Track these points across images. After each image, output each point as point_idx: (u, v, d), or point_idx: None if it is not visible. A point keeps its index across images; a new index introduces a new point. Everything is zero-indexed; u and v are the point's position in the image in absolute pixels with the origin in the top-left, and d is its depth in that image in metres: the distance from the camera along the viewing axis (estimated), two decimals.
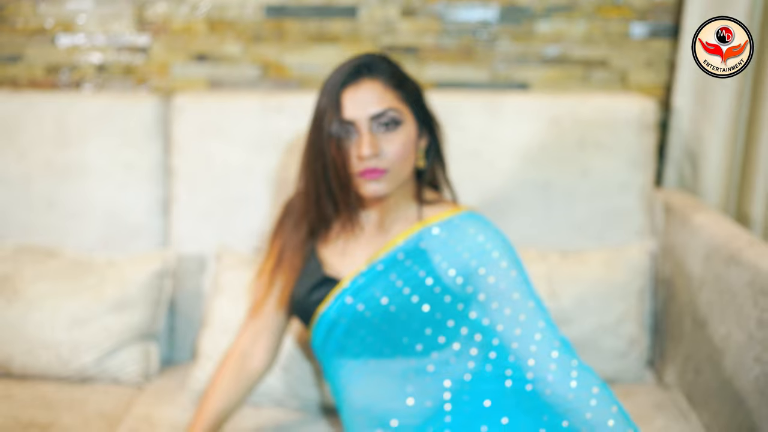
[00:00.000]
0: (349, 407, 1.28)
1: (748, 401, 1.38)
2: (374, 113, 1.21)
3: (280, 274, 1.37)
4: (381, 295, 1.26)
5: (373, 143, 1.20)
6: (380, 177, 1.22)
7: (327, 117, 1.21)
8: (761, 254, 1.45)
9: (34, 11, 2.01)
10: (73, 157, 1.84)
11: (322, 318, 1.29)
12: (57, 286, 1.69)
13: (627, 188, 1.82)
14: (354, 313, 1.27)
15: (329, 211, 1.29)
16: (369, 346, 1.27)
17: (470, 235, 1.28)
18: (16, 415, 1.54)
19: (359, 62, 1.24)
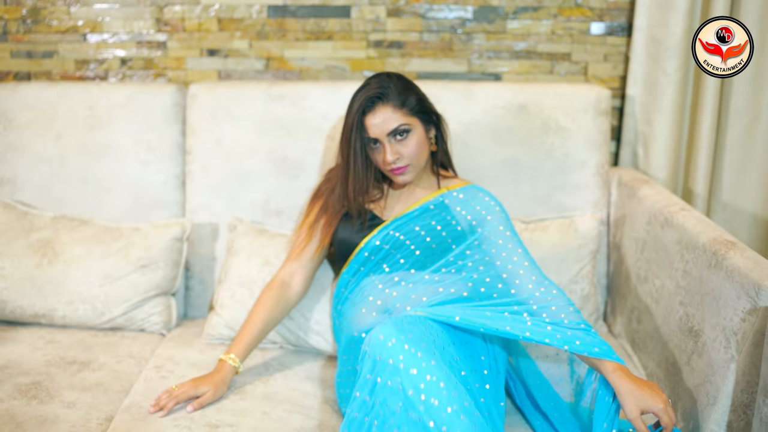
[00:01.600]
0: (361, 308, 1.61)
1: (673, 339, 1.65)
2: (390, 130, 1.65)
3: (318, 227, 1.78)
4: (419, 228, 1.69)
5: (394, 150, 1.66)
6: (405, 170, 1.68)
7: (357, 134, 1.66)
8: (688, 217, 1.72)
9: (67, 13, 2.28)
10: (102, 139, 2.11)
11: (366, 245, 1.69)
12: (91, 249, 1.97)
13: (585, 166, 2.09)
14: (395, 240, 1.68)
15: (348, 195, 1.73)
16: (400, 264, 1.66)
17: (480, 197, 1.74)
18: (62, 355, 1.81)
19: (373, 94, 1.65)
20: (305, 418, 1.58)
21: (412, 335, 1.33)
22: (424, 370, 1.28)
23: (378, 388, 1.31)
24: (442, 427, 1.25)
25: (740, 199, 2.25)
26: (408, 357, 1.30)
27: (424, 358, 1.30)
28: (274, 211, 2.07)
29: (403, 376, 1.29)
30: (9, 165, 2.12)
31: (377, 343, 1.33)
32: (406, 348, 1.31)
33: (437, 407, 1.26)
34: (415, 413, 1.27)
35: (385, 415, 1.29)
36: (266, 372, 1.75)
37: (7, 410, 1.58)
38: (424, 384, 1.27)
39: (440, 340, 1.39)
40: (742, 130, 2.20)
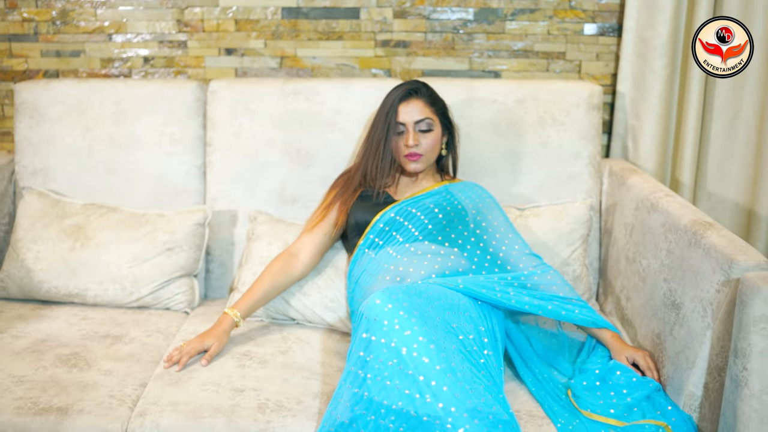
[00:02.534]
0: (378, 276, 1.80)
1: (658, 313, 1.81)
2: (417, 120, 1.92)
3: (334, 207, 1.99)
4: (430, 204, 1.92)
5: (416, 138, 1.92)
6: (418, 159, 1.94)
7: (388, 118, 1.91)
8: (672, 202, 1.87)
9: (94, 14, 2.43)
10: (128, 132, 2.26)
11: (382, 216, 1.91)
12: (120, 234, 2.12)
13: (578, 157, 2.25)
14: (408, 212, 1.91)
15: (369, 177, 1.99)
16: (414, 235, 1.87)
17: (477, 190, 2.00)
18: (95, 330, 1.96)
19: (411, 87, 1.95)
20: (321, 384, 1.73)
21: (407, 304, 1.51)
22: (417, 333, 1.46)
23: (373, 345, 1.48)
24: (431, 381, 1.42)
25: (723, 189, 2.41)
26: (402, 320, 1.47)
27: (417, 323, 1.47)
28: (289, 198, 2.23)
29: (398, 336, 1.46)
30: (42, 156, 2.27)
31: (374, 306, 1.50)
32: (401, 314, 1.48)
33: (427, 364, 1.44)
34: (407, 368, 1.44)
35: (380, 369, 1.46)
36: (285, 345, 1.91)
37: (51, 376, 1.74)
38: (416, 344, 1.45)
39: (436, 310, 1.56)
40: (724, 124, 2.36)
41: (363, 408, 1.46)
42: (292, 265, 1.95)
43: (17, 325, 1.99)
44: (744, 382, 1.40)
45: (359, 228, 1.94)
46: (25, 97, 2.28)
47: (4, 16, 2.45)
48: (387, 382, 1.45)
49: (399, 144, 1.94)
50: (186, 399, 1.66)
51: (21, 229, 2.15)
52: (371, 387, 1.47)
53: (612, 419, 1.56)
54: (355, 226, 1.95)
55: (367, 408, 1.46)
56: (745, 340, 1.40)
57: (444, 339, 1.51)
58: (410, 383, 1.44)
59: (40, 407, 1.63)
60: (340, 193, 2.03)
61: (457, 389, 1.42)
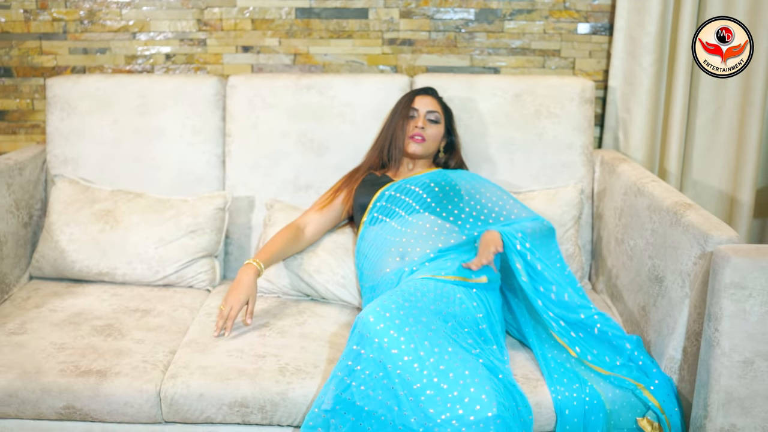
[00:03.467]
0: (383, 250, 1.99)
1: (643, 287, 1.97)
2: (429, 110, 2.20)
3: (341, 192, 2.21)
4: (428, 180, 2.13)
5: (424, 122, 2.18)
6: (421, 142, 2.17)
7: (405, 104, 2.20)
8: (656, 186, 2.04)
9: (119, 14, 2.60)
10: (152, 123, 2.42)
11: (384, 191, 2.11)
12: (146, 217, 2.29)
13: (571, 147, 2.41)
14: (408, 189, 2.11)
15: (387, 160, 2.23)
16: (412, 208, 2.07)
17: (470, 172, 2.23)
18: (125, 305, 2.13)
19: (427, 88, 2.28)
20: (335, 351, 1.90)
21: (399, 321, 1.65)
22: (402, 352, 1.61)
23: (362, 359, 1.63)
24: (409, 397, 1.58)
25: (708, 177, 2.57)
26: (391, 339, 1.62)
27: (405, 341, 1.62)
28: (303, 185, 2.39)
29: (385, 354, 1.61)
30: (72, 146, 2.44)
31: (366, 323, 1.64)
32: (391, 332, 1.63)
33: (409, 381, 1.59)
34: (390, 383, 1.60)
35: (365, 380, 1.61)
36: (301, 318, 2.07)
37: (88, 344, 1.90)
38: (401, 362, 1.60)
39: (430, 315, 1.71)
40: (708, 117, 2.52)
41: (344, 409, 1.62)
42: (299, 238, 2.15)
43: (53, 301, 2.15)
44: (716, 342, 1.57)
45: (362, 207, 2.12)
46: (57, 91, 2.45)
47: (35, 16, 2.61)
48: (370, 392, 1.61)
49: (409, 126, 2.18)
50: (213, 363, 1.82)
51: (54, 213, 2.32)
52: (355, 394, 1.62)
53: (599, 367, 1.74)
54: (359, 206, 2.14)
55: (348, 410, 1.62)
56: (717, 304, 1.56)
57: (432, 349, 1.64)
58: (391, 396, 1.60)
59: (81, 370, 1.80)
60: (346, 181, 2.23)
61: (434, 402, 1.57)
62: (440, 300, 1.78)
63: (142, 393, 1.76)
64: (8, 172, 2.29)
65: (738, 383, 1.57)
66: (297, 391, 1.75)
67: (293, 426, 1.78)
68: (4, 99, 2.70)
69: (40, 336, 1.95)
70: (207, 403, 1.76)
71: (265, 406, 1.75)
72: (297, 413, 1.76)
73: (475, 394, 1.55)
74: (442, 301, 1.78)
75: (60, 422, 1.82)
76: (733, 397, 1.57)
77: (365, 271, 2.04)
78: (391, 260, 1.97)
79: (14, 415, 1.81)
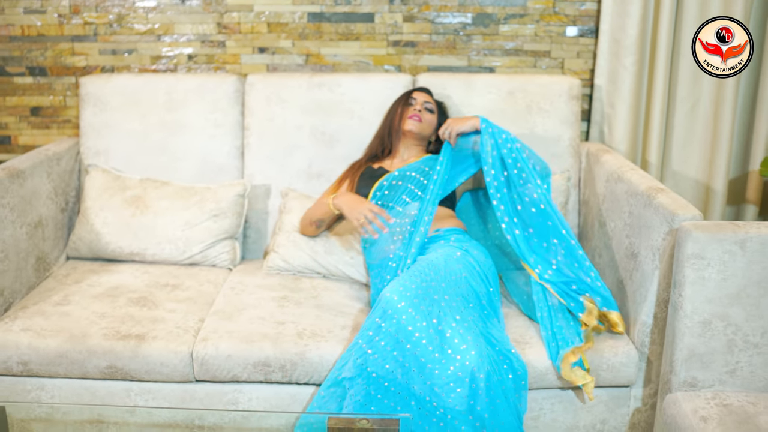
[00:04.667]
0: (386, 237, 2.20)
1: (621, 263, 2.20)
2: (425, 100, 2.47)
3: (343, 183, 2.45)
4: (423, 167, 2.36)
5: (422, 107, 2.45)
6: (418, 122, 2.42)
7: (403, 99, 2.46)
8: (634, 174, 2.27)
9: (146, 18, 2.84)
10: (177, 118, 2.65)
11: (385, 179, 2.34)
12: (173, 203, 2.52)
13: (560, 140, 2.64)
14: (407, 176, 2.34)
15: (387, 145, 2.47)
16: (402, 196, 2.29)
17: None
18: (156, 281, 2.36)
19: (424, 87, 2.53)
20: (347, 319, 2.13)
21: (417, 300, 1.89)
22: (415, 329, 1.85)
23: (382, 331, 1.88)
24: (412, 368, 1.82)
25: (686, 168, 2.81)
26: (408, 317, 1.86)
27: (419, 320, 1.86)
28: (315, 174, 2.63)
29: (402, 329, 1.85)
30: (103, 139, 2.67)
31: (389, 301, 1.89)
32: (410, 311, 1.87)
33: (416, 355, 1.83)
34: (401, 354, 1.84)
35: (381, 350, 1.86)
36: (315, 292, 2.31)
37: (126, 313, 2.14)
38: (414, 338, 1.84)
39: (441, 292, 1.96)
40: (686, 112, 2.76)
41: (360, 375, 1.86)
42: None
43: (91, 277, 2.39)
44: (680, 306, 1.80)
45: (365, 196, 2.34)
46: (90, 89, 2.68)
47: (68, 20, 2.85)
48: (381, 362, 1.85)
49: (406, 111, 2.45)
50: (238, 329, 2.06)
51: (89, 199, 2.55)
52: (370, 361, 1.86)
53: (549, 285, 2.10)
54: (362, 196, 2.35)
55: (361, 375, 1.86)
56: (681, 273, 1.79)
57: (437, 327, 1.88)
58: (399, 367, 1.84)
59: (121, 334, 2.03)
60: (349, 173, 2.48)
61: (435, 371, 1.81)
62: (449, 279, 2.02)
63: (177, 354, 2.00)
64: (48, 162, 2.52)
65: (698, 341, 1.80)
66: (313, 352, 1.99)
67: (309, 383, 2.02)
68: (39, 96, 2.94)
69: (82, 306, 2.18)
70: (234, 362, 1.99)
71: (285, 366, 1.99)
72: (313, 372, 1.99)
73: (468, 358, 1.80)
74: (451, 279, 2.02)
75: (103, 381, 2.06)
76: (694, 354, 1.81)
77: (371, 252, 2.27)
78: (393, 245, 2.20)
79: (63, 375, 2.04)
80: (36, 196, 2.41)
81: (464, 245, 2.18)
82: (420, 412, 1.83)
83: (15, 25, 2.86)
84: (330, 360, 1.98)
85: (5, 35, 2.87)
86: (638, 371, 2.03)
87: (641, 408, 2.06)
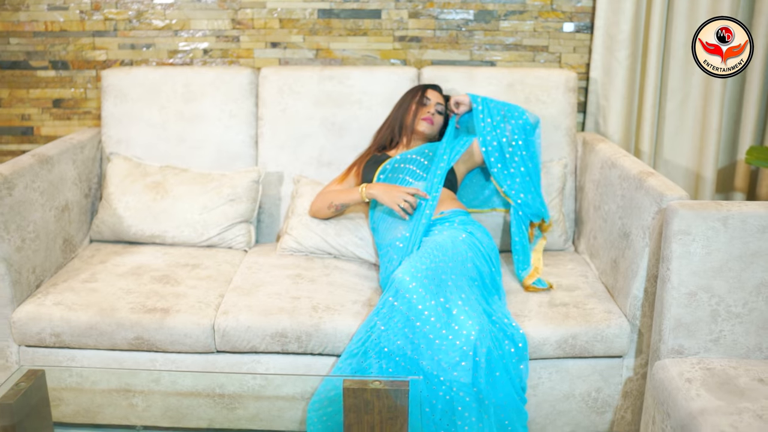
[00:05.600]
0: (384, 216, 2.37)
1: (614, 243, 2.35)
2: (438, 102, 2.63)
3: (352, 170, 2.62)
4: (426, 151, 2.54)
5: (434, 111, 2.61)
6: (431, 124, 2.59)
7: (418, 92, 2.63)
8: (626, 160, 2.41)
9: (163, 14, 2.98)
10: (195, 109, 2.80)
11: (389, 163, 2.52)
12: (192, 188, 2.66)
13: (558, 129, 2.79)
14: (409, 158, 2.52)
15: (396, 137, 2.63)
16: (417, 174, 2.46)
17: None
18: (176, 261, 2.51)
19: (435, 84, 2.69)
20: (358, 295, 2.28)
21: (426, 281, 2.04)
22: (425, 308, 2.00)
23: (395, 309, 2.02)
24: (420, 344, 1.97)
25: (677, 157, 2.95)
26: (419, 296, 2.01)
27: (429, 299, 2.00)
28: (325, 162, 2.77)
29: (412, 308, 2.00)
30: (125, 129, 2.81)
31: (402, 281, 2.04)
32: (420, 290, 2.01)
33: (425, 332, 1.98)
34: (411, 332, 1.99)
35: (393, 327, 2.01)
36: (327, 270, 2.45)
37: (150, 289, 2.28)
38: (423, 316, 1.99)
39: (449, 272, 2.10)
40: (676, 104, 2.90)
41: (373, 349, 2.02)
42: None
43: (115, 258, 2.53)
44: (668, 278, 1.95)
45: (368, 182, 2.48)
46: (111, 81, 2.82)
47: (89, 16, 2.99)
48: (392, 337, 2.00)
49: (420, 110, 2.60)
50: (257, 303, 2.20)
51: (111, 185, 2.70)
52: (383, 337, 2.02)
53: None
54: (367, 181, 2.51)
55: (374, 349, 2.01)
56: (668, 248, 1.94)
57: (445, 305, 2.03)
58: (408, 343, 1.99)
59: (147, 308, 2.18)
60: (357, 161, 2.63)
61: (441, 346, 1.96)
62: (456, 260, 2.17)
63: (199, 326, 2.14)
64: (73, 150, 2.66)
65: (684, 312, 1.95)
66: (327, 324, 2.13)
67: (324, 354, 2.16)
68: (61, 89, 3.08)
69: (109, 284, 2.33)
70: (253, 334, 2.14)
71: (300, 337, 2.13)
72: (327, 342, 2.14)
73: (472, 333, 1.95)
74: (457, 260, 2.17)
75: (130, 353, 2.20)
76: (680, 323, 1.95)
77: (379, 232, 2.42)
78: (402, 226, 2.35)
79: (92, 346, 2.19)
80: (62, 182, 2.55)
81: (468, 227, 2.32)
82: (428, 386, 1.98)
83: (39, 21, 3.00)
84: (343, 331, 2.12)
85: (29, 31, 3.01)
86: (630, 342, 2.18)
87: (633, 377, 2.21)
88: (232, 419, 2.21)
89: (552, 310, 2.20)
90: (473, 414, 1.96)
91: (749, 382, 1.78)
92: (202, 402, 2.20)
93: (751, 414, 1.64)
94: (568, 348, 2.13)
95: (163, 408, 2.22)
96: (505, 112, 2.56)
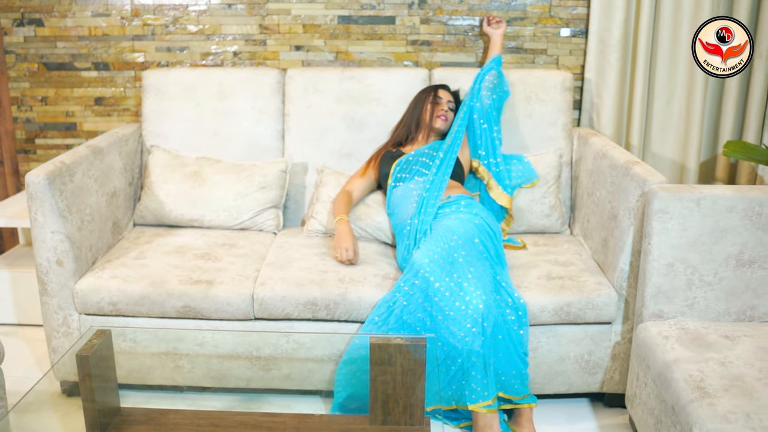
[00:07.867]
0: (406, 200, 2.66)
1: (604, 225, 2.65)
2: (449, 100, 2.94)
3: (371, 164, 2.89)
4: (431, 149, 2.81)
5: (446, 108, 2.90)
6: (444, 121, 2.90)
7: (431, 92, 2.92)
8: (615, 151, 2.71)
9: (197, 20, 3.28)
10: (228, 106, 3.10)
11: (402, 159, 2.79)
12: (226, 177, 2.96)
13: (555, 125, 3.09)
14: (424, 153, 2.81)
15: (412, 134, 2.93)
16: (429, 165, 2.75)
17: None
18: (214, 241, 2.81)
19: (445, 84, 2.98)
20: (379, 269, 2.57)
21: (442, 261, 2.34)
22: (441, 285, 2.30)
23: (415, 286, 2.33)
24: (437, 316, 2.27)
25: (663, 150, 3.25)
26: (436, 275, 2.31)
27: (444, 277, 2.31)
28: (346, 154, 3.07)
29: (430, 285, 2.30)
30: (163, 124, 3.11)
31: (421, 262, 2.34)
32: (437, 270, 2.32)
33: (441, 306, 2.28)
34: (429, 305, 2.29)
35: (413, 301, 2.31)
36: None
37: (194, 265, 2.58)
38: (439, 293, 2.29)
39: (460, 250, 2.40)
40: (663, 103, 3.20)
41: (393, 320, 2.32)
42: (351, 198, 2.82)
43: (158, 239, 2.83)
44: (649, 251, 2.25)
45: (385, 175, 2.80)
46: (151, 80, 3.12)
47: (129, 22, 3.29)
48: (412, 309, 2.30)
49: (434, 109, 2.90)
50: (290, 276, 2.50)
51: (153, 174, 3.00)
52: (404, 310, 2.32)
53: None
54: (383, 175, 2.82)
55: (395, 320, 2.31)
56: (650, 225, 2.24)
57: (457, 280, 2.33)
58: (427, 315, 2.30)
59: (193, 280, 2.48)
60: (374, 157, 2.92)
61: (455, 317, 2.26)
62: (465, 239, 2.46)
63: (240, 295, 2.44)
64: (119, 143, 2.96)
65: (663, 280, 2.25)
66: (353, 294, 2.43)
67: (350, 321, 2.46)
68: (103, 88, 3.38)
69: (156, 260, 2.63)
70: (287, 302, 2.44)
71: (329, 305, 2.43)
72: (352, 310, 2.44)
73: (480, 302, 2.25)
74: (466, 240, 2.47)
75: (178, 320, 2.50)
76: (660, 291, 2.25)
77: (395, 215, 2.72)
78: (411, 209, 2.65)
79: (145, 314, 2.49)
80: (111, 171, 2.85)
81: (474, 209, 2.62)
82: (444, 352, 2.28)
83: (83, 26, 3.30)
84: (366, 300, 2.43)
85: (74, 35, 3.31)
86: (618, 310, 2.48)
87: (620, 341, 2.51)
88: (267, 379, 2.51)
89: (549, 282, 2.50)
90: (479, 373, 2.26)
91: (716, 339, 2.08)
92: (240, 364, 2.50)
93: (716, 361, 1.94)
94: (564, 315, 2.43)
95: (206, 369, 2.52)
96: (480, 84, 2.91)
